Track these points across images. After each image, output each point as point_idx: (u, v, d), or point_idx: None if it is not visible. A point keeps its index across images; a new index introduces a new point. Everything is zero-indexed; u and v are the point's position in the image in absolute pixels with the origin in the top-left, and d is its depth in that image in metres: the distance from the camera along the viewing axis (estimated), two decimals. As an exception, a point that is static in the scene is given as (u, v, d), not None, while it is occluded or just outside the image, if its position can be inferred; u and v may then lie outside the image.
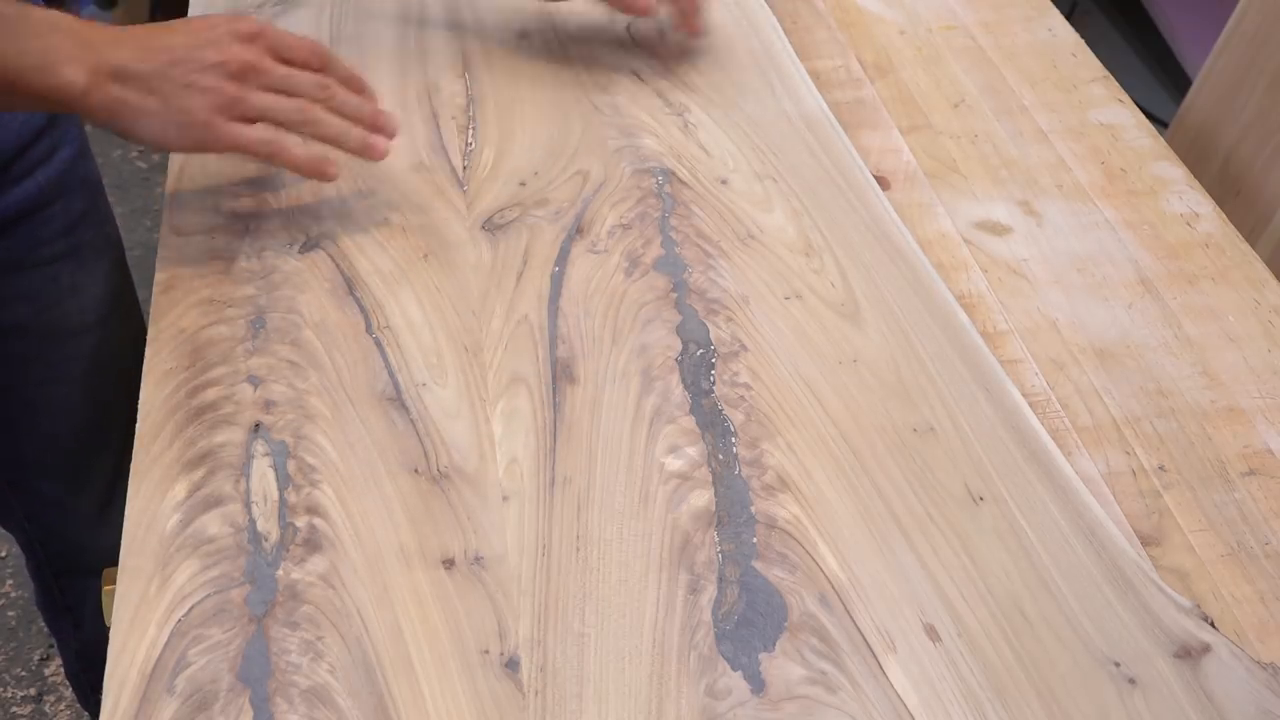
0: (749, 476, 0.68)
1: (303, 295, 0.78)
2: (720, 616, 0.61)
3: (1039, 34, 1.10)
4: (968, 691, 0.59)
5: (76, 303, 0.99)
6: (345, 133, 0.78)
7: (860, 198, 0.86)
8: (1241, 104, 1.10)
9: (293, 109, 0.76)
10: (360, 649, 0.60)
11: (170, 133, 0.74)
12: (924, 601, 0.62)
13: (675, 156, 0.89)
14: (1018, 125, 0.99)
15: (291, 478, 0.67)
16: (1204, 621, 0.62)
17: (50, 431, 1.05)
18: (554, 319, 0.77)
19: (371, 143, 0.79)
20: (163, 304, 0.77)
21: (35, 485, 1.09)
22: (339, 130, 0.78)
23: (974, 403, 0.72)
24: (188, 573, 0.63)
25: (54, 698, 1.58)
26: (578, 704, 0.58)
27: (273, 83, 0.76)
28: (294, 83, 0.77)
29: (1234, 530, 0.69)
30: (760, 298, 0.78)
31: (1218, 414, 0.76)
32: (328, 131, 0.78)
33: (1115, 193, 0.92)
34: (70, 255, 0.97)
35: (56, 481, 1.08)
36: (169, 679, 0.58)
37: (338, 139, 0.78)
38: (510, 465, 0.68)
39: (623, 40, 1.01)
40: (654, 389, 0.72)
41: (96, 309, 1.01)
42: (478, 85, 0.96)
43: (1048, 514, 0.66)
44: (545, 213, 0.84)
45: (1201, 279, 0.85)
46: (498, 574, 0.63)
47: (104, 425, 1.06)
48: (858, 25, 1.10)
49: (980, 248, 0.87)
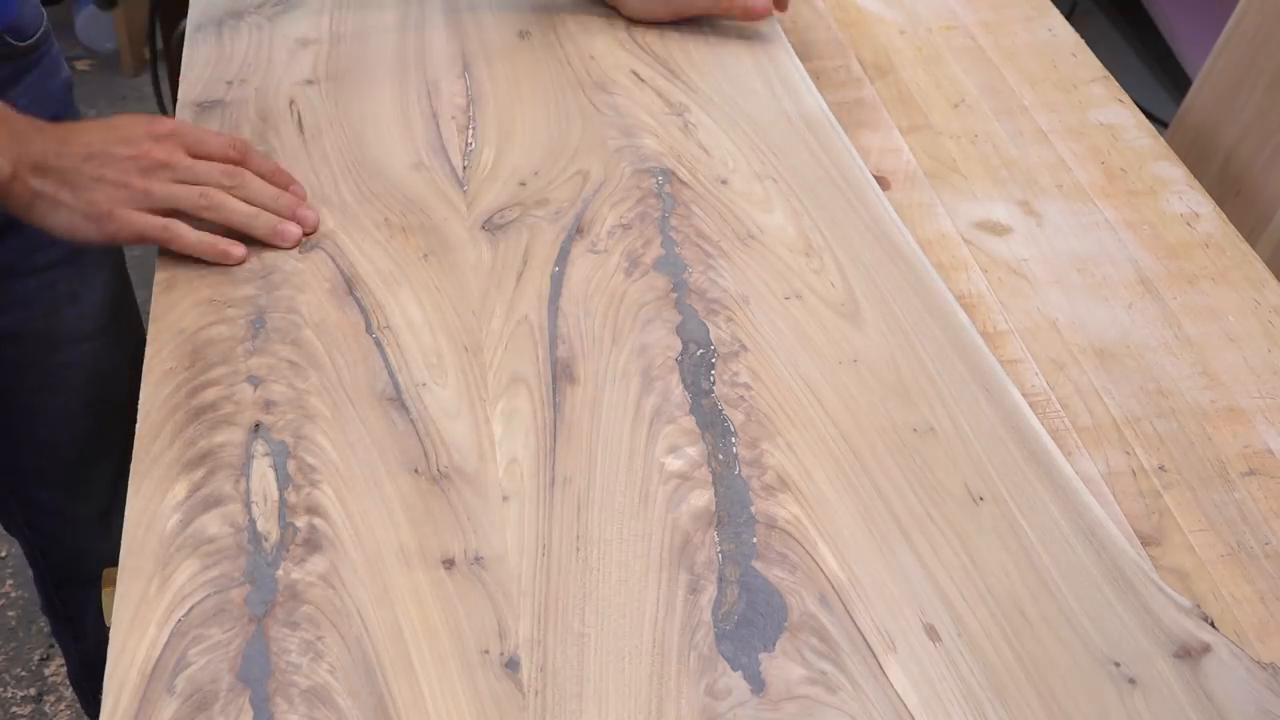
0: (749, 476, 0.68)
1: (303, 295, 0.78)
2: (720, 616, 0.61)
3: (1039, 34, 1.10)
4: (968, 691, 0.59)
5: (75, 310, 0.99)
6: (253, 218, 0.80)
7: (860, 198, 0.86)
8: (1241, 104, 1.10)
9: (195, 195, 0.79)
10: (360, 649, 0.60)
11: (79, 224, 0.77)
12: (924, 601, 0.62)
13: (675, 156, 0.89)
14: (1018, 125, 0.99)
15: (291, 478, 0.67)
16: (1204, 621, 0.62)
17: (49, 440, 1.05)
18: (554, 319, 0.77)
19: (282, 230, 0.81)
20: (163, 304, 0.77)
21: (35, 493, 1.09)
22: (245, 215, 0.80)
23: (974, 403, 0.72)
24: (188, 573, 0.63)
25: (54, 698, 1.58)
26: (578, 704, 0.58)
27: (180, 176, 0.79)
28: (200, 173, 0.80)
29: (1234, 530, 0.69)
30: (760, 298, 0.78)
31: (1218, 414, 0.76)
32: (232, 217, 0.80)
33: (1115, 193, 0.92)
34: (68, 263, 0.97)
35: (56, 489, 1.08)
36: (169, 679, 0.58)
37: (244, 225, 0.80)
38: (510, 465, 0.68)
39: (623, 40, 1.01)
40: (654, 389, 0.72)
41: (95, 318, 1.01)
42: (478, 85, 0.96)
43: (1048, 514, 0.66)
44: (545, 213, 0.84)
45: (1201, 279, 0.85)
46: (498, 574, 0.63)
47: (104, 434, 1.06)
48: (858, 25, 1.10)
49: (980, 248, 0.87)
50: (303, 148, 0.89)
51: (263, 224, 0.80)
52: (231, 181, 0.80)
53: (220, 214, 0.79)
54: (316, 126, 0.91)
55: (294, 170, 0.87)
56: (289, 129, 0.91)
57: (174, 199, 0.78)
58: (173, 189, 0.78)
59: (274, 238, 0.80)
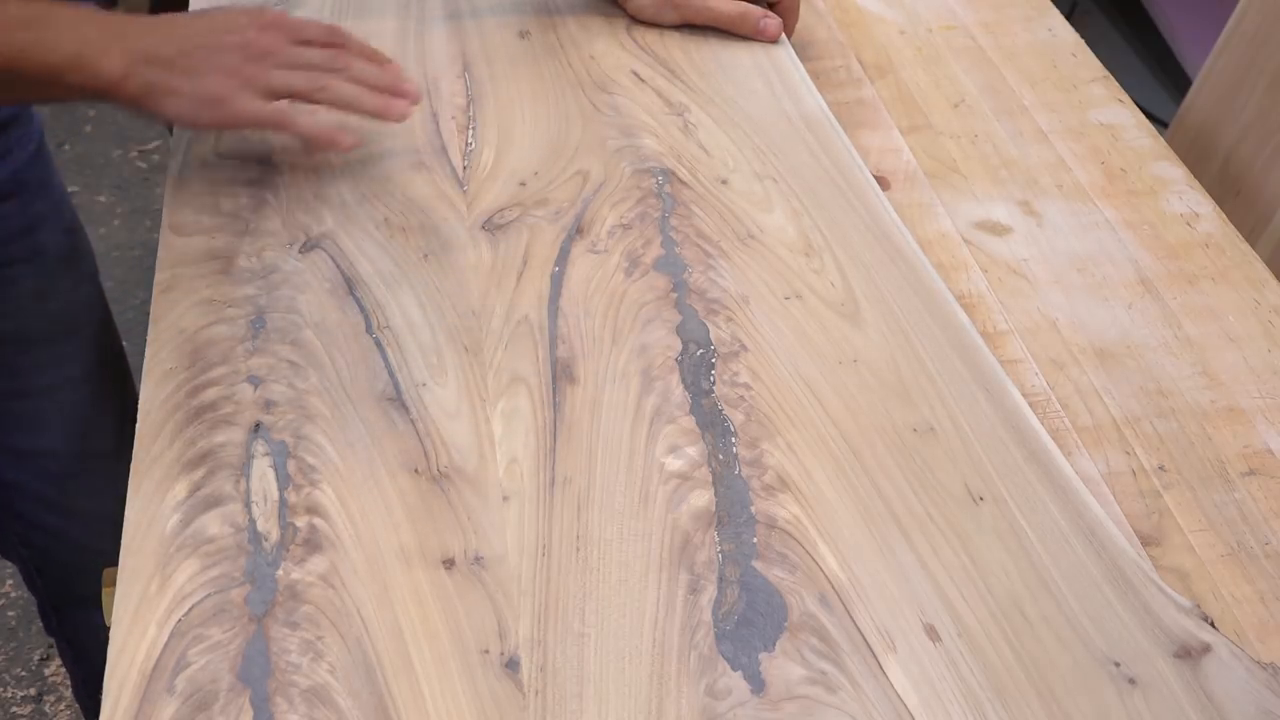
0: (749, 476, 0.68)
1: (303, 295, 0.78)
2: (720, 616, 0.61)
3: (1039, 34, 1.10)
4: (968, 691, 0.59)
5: (42, 310, 0.98)
6: (359, 97, 0.83)
7: (860, 198, 0.86)
8: (1241, 104, 1.10)
9: (306, 80, 0.81)
10: (360, 649, 0.60)
11: (195, 110, 0.79)
12: (924, 601, 0.62)
13: (675, 156, 0.89)
14: (1018, 125, 0.99)
15: (291, 478, 0.67)
16: (1204, 621, 0.62)
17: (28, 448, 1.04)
18: (554, 319, 0.77)
19: (388, 104, 0.83)
20: (163, 304, 0.77)
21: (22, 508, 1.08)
22: (353, 95, 0.82)
23: (974, 403, 0.72)
24: (188, 573, 0.63)
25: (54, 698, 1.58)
26: (578, 704, 0.58)
27: (288, 61, 0.81)
28: (308, 59, 0.82)
29: (1234, 530, 0.69)
30: (760, 298, 0.78)
31: (1218, 414, 0.76)
32: (341, 97, 0.82)
33: (1115, 193, 0.92)
34: (31, 259, 0.97)
35: (41, 503, 1.07)
36: (169, 679, 0.58)
37: (353, 103, 0.82)
38: (510, 465, 0.68)
39: (623, 40, 1.01)
40: (654, 389, 0.72)
41: (66, 320, 1.00)
42: (478, 85, 0.96)
43: (1048, 514, 0.66)
44: (545, 213, 0.84)
45: (1201, 279, 0.85)
46: (498, 574, 0.63)
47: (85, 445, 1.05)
48: (858, 25, 1.10)
49: (980, 248, 0.87)
50: (303, 147, 0.89)
51: (370, 102, 0.83)
52: (337, 64, 0.83)
53: (330, 95, 0.82)
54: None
55: (294, 170, 0.87)
56: (289, 129, 0.91)
57: (287, 84, 0.81)
58: (285, 75, 0.81)
59: (383, 113, 0.83)
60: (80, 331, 1.03)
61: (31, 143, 0.96)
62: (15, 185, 0.94)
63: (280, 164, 0.88)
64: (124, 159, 2.35)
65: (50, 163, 0.99)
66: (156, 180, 2.30)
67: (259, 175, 0.87)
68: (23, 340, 0.99)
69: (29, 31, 0.74)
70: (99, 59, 0.75)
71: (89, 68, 0.75)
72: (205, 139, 0.90)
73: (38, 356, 1.00)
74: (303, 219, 0.84)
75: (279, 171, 0.87)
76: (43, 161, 0.98)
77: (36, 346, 1.00)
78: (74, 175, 2.29)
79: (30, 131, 0.95)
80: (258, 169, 0.87)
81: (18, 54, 0.73)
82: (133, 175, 2.33)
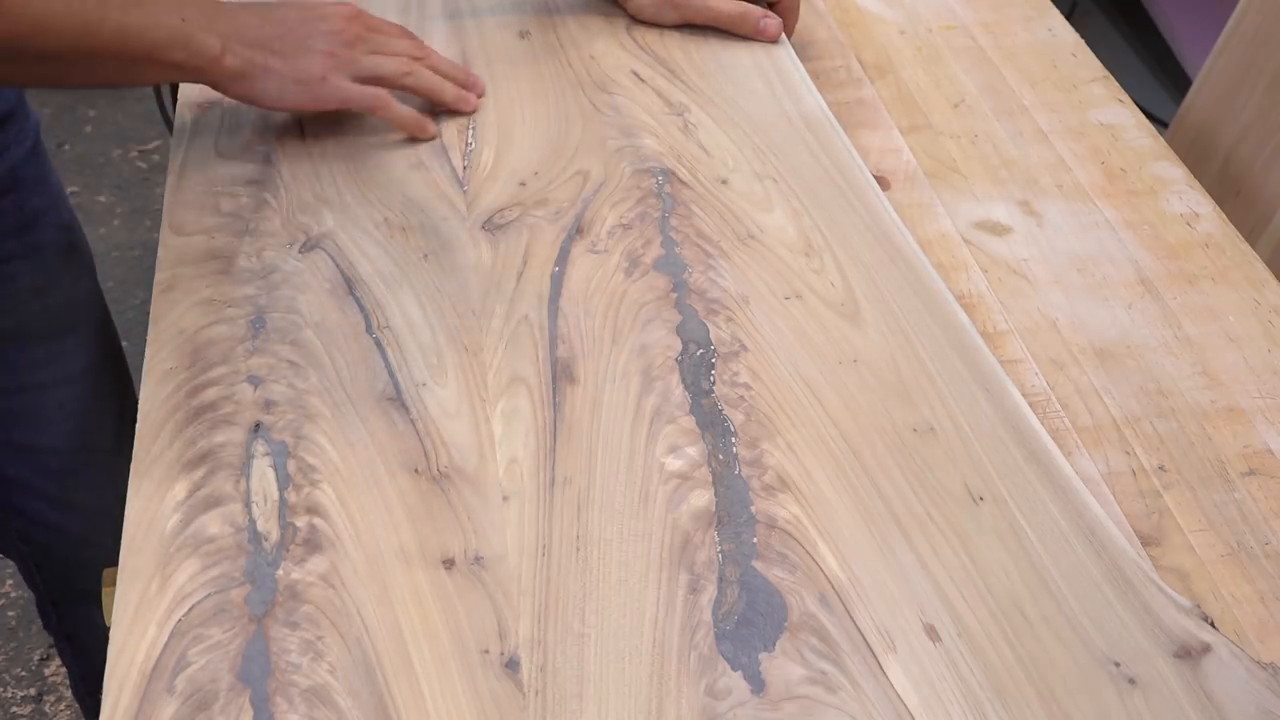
0: (749, 476, 0.68)
1: (303, 295, 0.78)
2: (720, 616, 0.61)
3: (1039, 34, 1.10)
4: (968, 691, 0.59)
5: (41, 306, 0.98)
6: (441, 87, 0.90)
7: (860, 198, 0.86)
8: (1241, 104, 1.10)
9: (394, 66, 0.87)
10: (360, 649, 0.60)
11: (290, 90, 0.84)
12: (924, 601, 0.62)
13: (675, 156, 0.89)
14: (1018, 125, 0.99)
15: (291, 478, 0.67)
16: (1204, 621, 0.62)
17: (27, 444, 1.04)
18: (554, 319, 0.77)
19: (464, 96, 0.91)
20: (163, 304, 0.77)
21: (22, 504, 1.08)
22: (436, 84, 0.89)
23: (974, 403, 0.72)
24: (188, 573, 0.63)
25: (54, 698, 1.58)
26: (578, 704, 0.58)
27: (378, 48, 0.87)
28: (395, 46, 0.88)
29: (1234, 530, 0.69)
30: (760, 298, 0.78)
31: (1218, 414, 0.76)
32: (425, 84, 0.89)
33: (1115, 193, 0.92)
34: (28, 256, 0.97)
35: (42, 499, 1.07)
36: (169, 679, 0.58)
37: (434, 91, 0.89)
38: (510, 465, 0.68)
39: (623, 40, 1.01)
40: (654, 389, 0.72)
41: (64, 316, 1.00)
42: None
43: (1048, 514, 0.66)
44: (545, 213, 0.84)
45: (1201, 279, 0.85)
46: (498, 574, 0.63)
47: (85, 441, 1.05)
48: (858, 25, 1.10)
49: (980, 248, 0.87)
50: (303, 147, 0.89)
51: (450, 91, 0.90)
52: (419, 53, 0.89)
53: (417, 81, 0.88)
54: (317, 126, 0.91)
55: (294, 170, 0.87)
56: (290, 128, 0.91)
57: (378, 68, 0.86)
58: (376, 60, 0.86)
59: (459, 103, 0.91)
60: (79, 328, 1.03)
61: (28, 139, 0.96)
62: (12, 181, 0.94)
63: (280, 164, 0.88)
64: (124, 159, 2.35)
65: (46, 159, 0.99)
66: (156, 180, 2.30)
67: (259, 175, 0.87)
68: (21, 336, 0.99)
69: (132, 10, 0.76)
70: (200, 36, 0.79)
71: (191, 44, 0.78)
72: (205, 139, 0.90)
73: (36, 352, 1.00)
74: (303, 219, 0.84)
75: (279, 171, 0.87)
76: (39, 158, 0.98)
77: (35, 343, 1.00)
78: (74, 175, 2.29)
79: (26, 127, 0.96)
80: (258, 169, 0.88)
81: (123, 31, 0.76)
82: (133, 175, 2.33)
